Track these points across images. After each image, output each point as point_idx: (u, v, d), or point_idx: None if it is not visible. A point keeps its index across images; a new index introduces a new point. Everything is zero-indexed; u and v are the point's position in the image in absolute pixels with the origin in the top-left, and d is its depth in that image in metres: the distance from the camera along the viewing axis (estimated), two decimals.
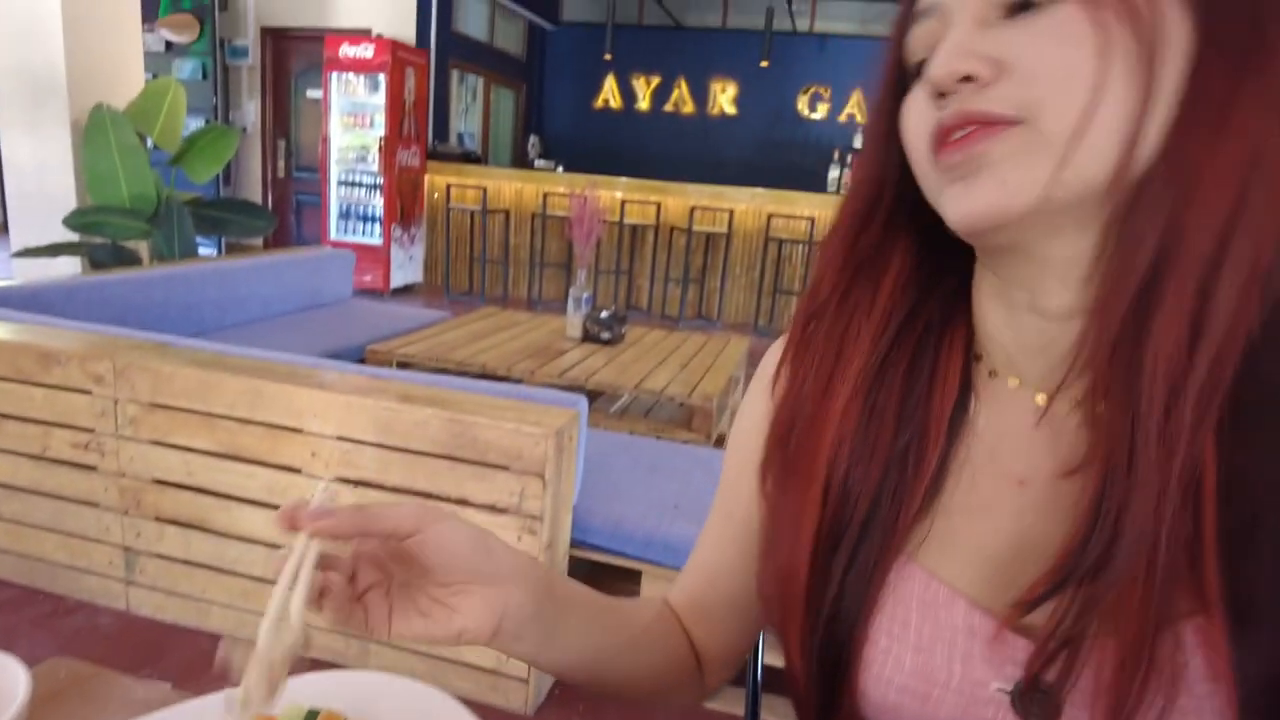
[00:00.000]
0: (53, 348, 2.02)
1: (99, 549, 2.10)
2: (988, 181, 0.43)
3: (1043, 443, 0.50)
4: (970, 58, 0.42)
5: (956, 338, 0.53)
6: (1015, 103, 0.41)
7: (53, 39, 3.68)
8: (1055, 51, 0.41)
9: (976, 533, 0.50)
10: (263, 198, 7.65)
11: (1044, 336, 0.48)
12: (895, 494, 0.50)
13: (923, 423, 0.51)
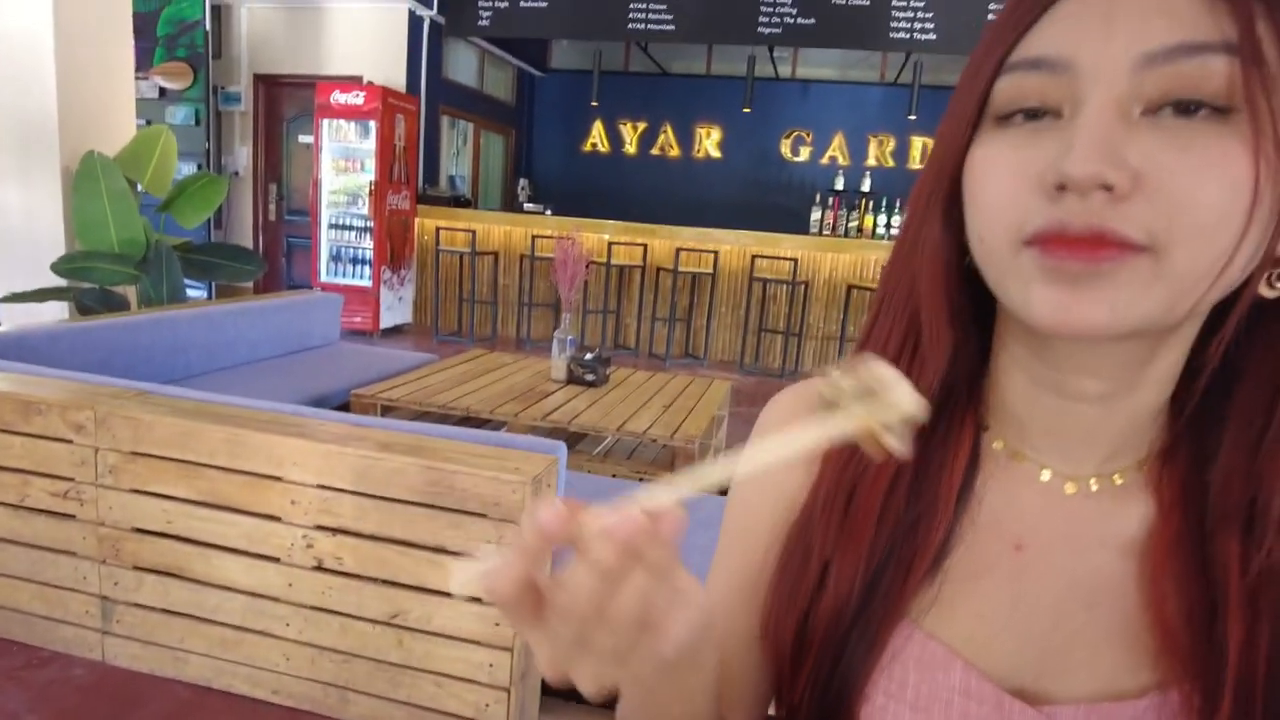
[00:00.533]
0: (33, 397, 2.03)
1: (75, 598, 2.09)
2: (1098, 300, 0.40)
3: (1044, 513, 0.51)
4: (1118, 166, 0.38)
5: (970, 406, 0.54)
6: (1149, 229, 0.39)
7: (46, 87, 3.74)
8: (1207, 189, 0.38)
9: (974, 596, 0.51)
10: (254, 241, 7.70)
11: (1064, 418, 0.49)
12: (902, 562, 0.51)
13: (934, 495, 0.52)
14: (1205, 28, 0.38)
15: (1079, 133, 0.39)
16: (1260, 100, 0.38)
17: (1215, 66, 0.38)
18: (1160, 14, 0.39)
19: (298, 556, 1.88)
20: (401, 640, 1.84)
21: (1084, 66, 0.40)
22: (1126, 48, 0.39)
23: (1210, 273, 0.39)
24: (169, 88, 6.94)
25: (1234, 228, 0.38)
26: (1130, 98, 0.39)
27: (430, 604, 1.81)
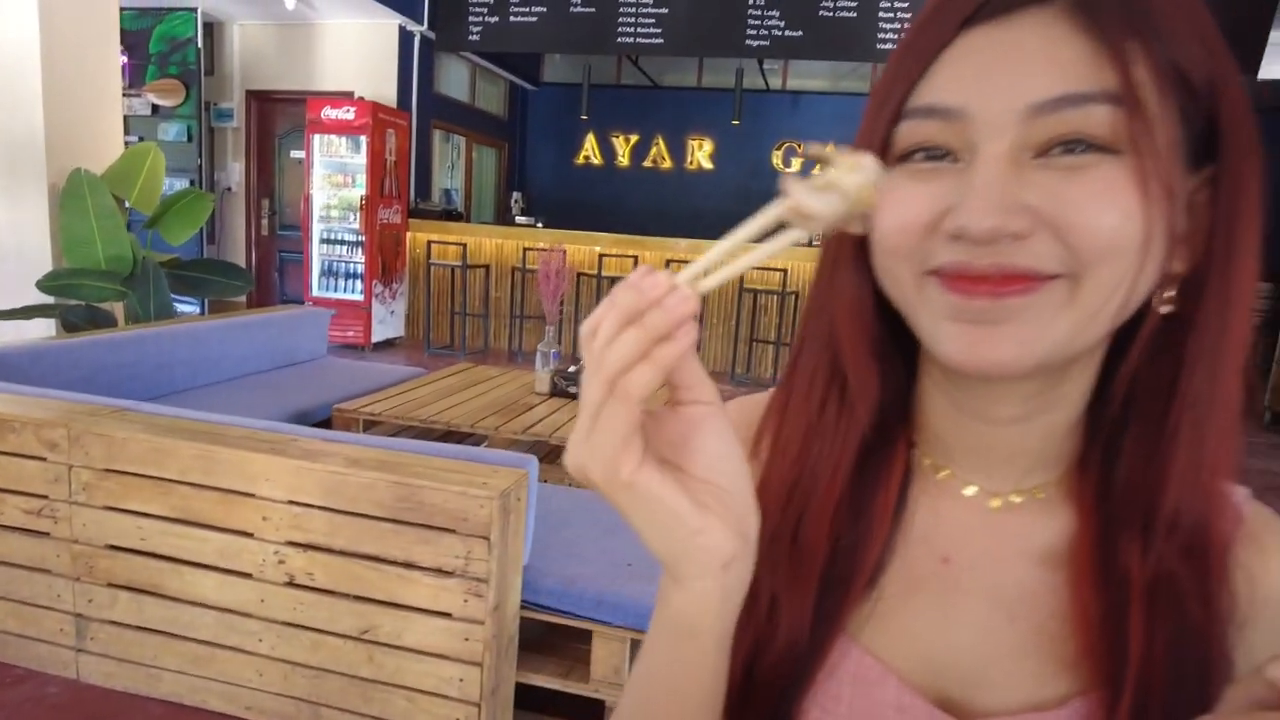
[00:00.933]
0: (6, 414, 2.04)
1: (49, 616, 2.10)
2: (1008, 336, 0.42)
3: (969, 527, 0.53)
4: (1016, 213, 0.40)
5: (902, 424, 0.55)
6: (1059, 261, 0.41)
7: (33, 105, 3.76)
8: (1104, 216, 0.40)
9: (907, 611, 0.52)
10: (247, 256, 7.72)
11: (984, 439, 0.51)
12: (842, 582, 0.52)
13: (870, 516, 0.53)
14: (1087, 78, 0.40)
15: (974, 185, 0.41)
16: (1142, 142, 0.40)
17: (1098, 115, 0.40)
18: (1044, 64, 0.40)
19: (270, 572, 1.89)
20: (372, 656, 1.84)
21: (975, 115, 0.42)
22: (1014, 98, 0.41)
23: (1116, 296, 0.41)
24: (161, 104, 6.97)
25: (1132, 252, 0.40)
26: (1021, 145, 0.41)
27: (401, 619, 1.81)
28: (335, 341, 6.72)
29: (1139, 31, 0.40)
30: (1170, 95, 0.41)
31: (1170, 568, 0.47)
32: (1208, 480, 0.47)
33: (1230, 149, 0.43)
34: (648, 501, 0.38)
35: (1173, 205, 0.41)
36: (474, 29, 7.29)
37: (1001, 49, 0.42)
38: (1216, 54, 0.43)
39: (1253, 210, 0.44)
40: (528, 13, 7.18)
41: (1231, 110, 0.43)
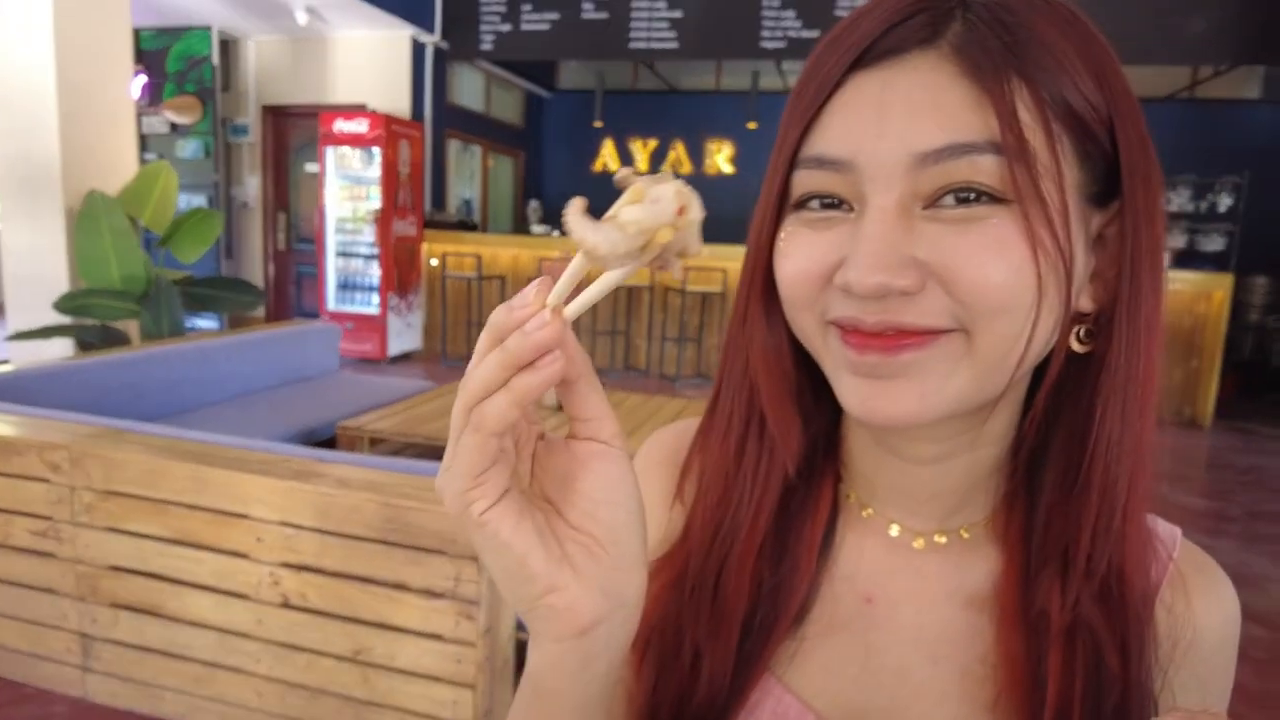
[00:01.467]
0: (11, 437, 2.07)
1: (56, 636, 2.13)
2: (906, 391, 0.41)
3: (892, 567, 0.52)
4: (903, 269, 0.39)
5: (829, 461, 0.54)
6: (950, 316, 0.40)
7: (49, 130, 3.84)
8: (995, 269, 0.39)
9: (828, 650, 0.52)
10: (264, 270, 7.82)
11: (905, 476, 0.50)
12: (766, 624, 0.51)
13: (795, 557, 0.52)
14: (972, 126, 0.39)
15: (861, 241, 0.40)
16: (1027, 191, 0.39)
17: (984, 164, 0.39)
18: (929, 112, 0.40)
19: (265, 593, 1.90)
20: (366, 677, 1.85)
21: (862, 166, 0.41)
22: (899, 147, 0.40)
23: (1016, 347, 0.40)
24: (179, 122, 7.09)
25: (1026, 305, 0.39)
26: (910, 195, 0.40)
27: (392, 641, 1.81)
28: (353, 355, 6.79)
29: (1022, 71, 0.40)
30: (1064, 135, 0.41)
31: (1087, 614, 0.46)
32: (1122, 524, 0.46)
33: (1131, 185, 0.43)
34: (497, 547, 0.34)
35: (1066, 251, 0.40)
36: (486, 37, 7.34)
37: (887, 97, 0.41)
38: (1112, 87, 0.42)
39: (1153, 246, 0.44)
40: (540, 20, 7.21)
41: (1130, 144, 0.42)
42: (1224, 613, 0.51)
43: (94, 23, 3.96)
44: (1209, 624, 0.50)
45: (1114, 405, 0.44)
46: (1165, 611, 0.49)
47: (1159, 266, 0.44)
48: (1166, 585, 0.50)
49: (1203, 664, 0.49)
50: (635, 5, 6.96)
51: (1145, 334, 0.44)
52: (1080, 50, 0.41)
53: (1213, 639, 0.50)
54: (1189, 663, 0.49)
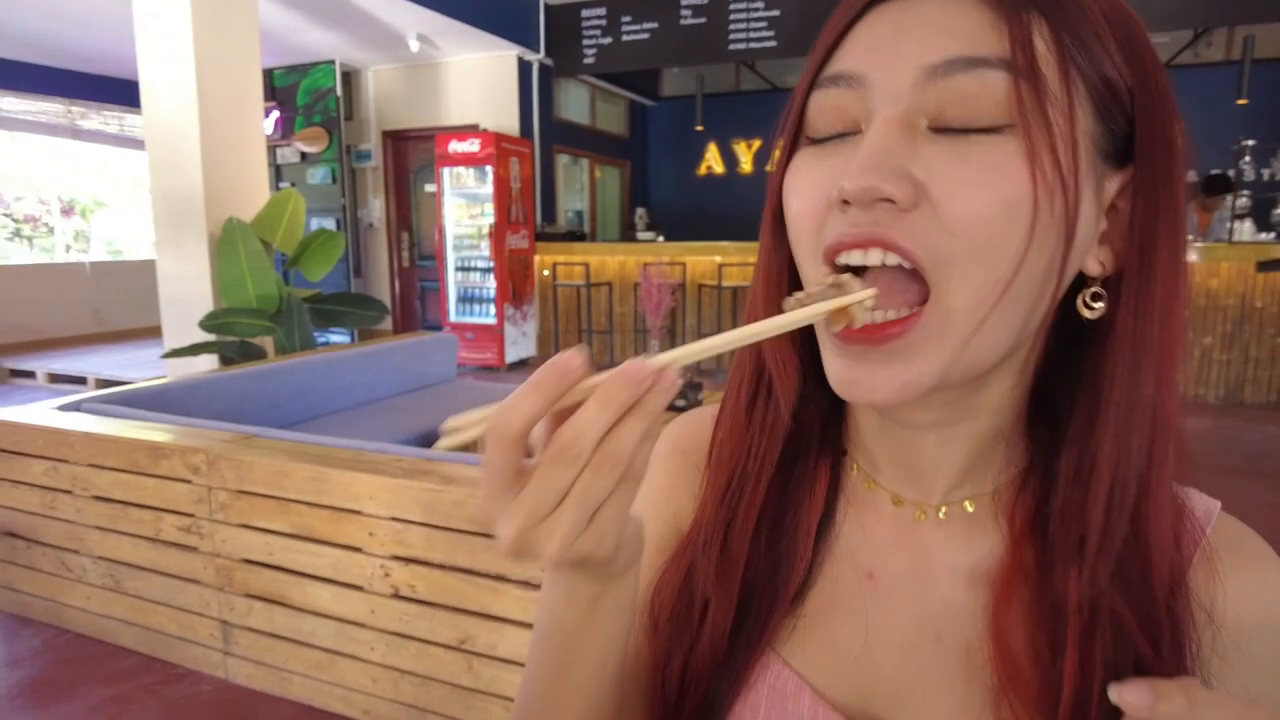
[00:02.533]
0: (160, 442, 2.29)
1: (201, 622, 2.33)
2: (888, 375, 0.42)
3: (894, 542, 0.52)
4: (895, 177, 0.39)
5: (827, 440, 0.54)
6: (930, 248, 0.39)
7: (193, 167, 4.21)
8: (983, 201, 0.38)
9: (829, 627, 0.52)
10: (390, 287, 8.26)
11: (907, 445, 0.50)
12: (766, 600, 0.52)
13: (794, 536, 0.52)
14: (984, 43, 0.39)
15: (862, 148, 0.40)
16: (1033, 115, 0.38)
17: (991, 81, 0.39)
18: (943, 30, 0.40)
19: (377, 585, 2.01)
20: (471, 665, 1.93)
21: (874, 81, 0.41)
22: (909, 62, 0.40)
23: (994, 293, 0.39)
24: (308, 151, 7.60)
25: (1013, 248, 0.39)
26: (916, 110, 0.40)
27: (494, 630, 1.89)
28: (473, 364, 7.07)
29: (1044, 10, 0.40)
30: (1080, 80, 0.40)
31: (1106, 595, 0.44)
32: (1141, 498, 0.44)
33: (1150, 148, 0.42)
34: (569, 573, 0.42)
35: (1070, 185, 0.39)
36: (588, 52, 7.50)
37: (904, 21, 0.41)
38: (1139, 55, 0.42)
39: (1170, 215, 0.42)
40: (639, 30, 7.31)
41: (1150, 109, 0.41)
42: (1262, 596, 0.47)
43: (230, 68, 4.31)
44: (1243, 604, 0.46)
45: (1123, 371, 0.43)
46: (1196, 591, 0.46)
47: (1178, 233, 0.42)
48: (1198, 563, 0.47)
49: (1239, 652, 0.46)
50: (733, 7, 6.95)
51: (1161, 300, 0.42)
52: (1109, 15, 0.41)
53: (1245, 621, 0.46)
54: (1223, 648, 0.46)
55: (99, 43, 6.94)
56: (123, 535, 2.41)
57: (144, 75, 4.25)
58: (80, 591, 2.54)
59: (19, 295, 7.82)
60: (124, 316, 8.68)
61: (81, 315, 8.39)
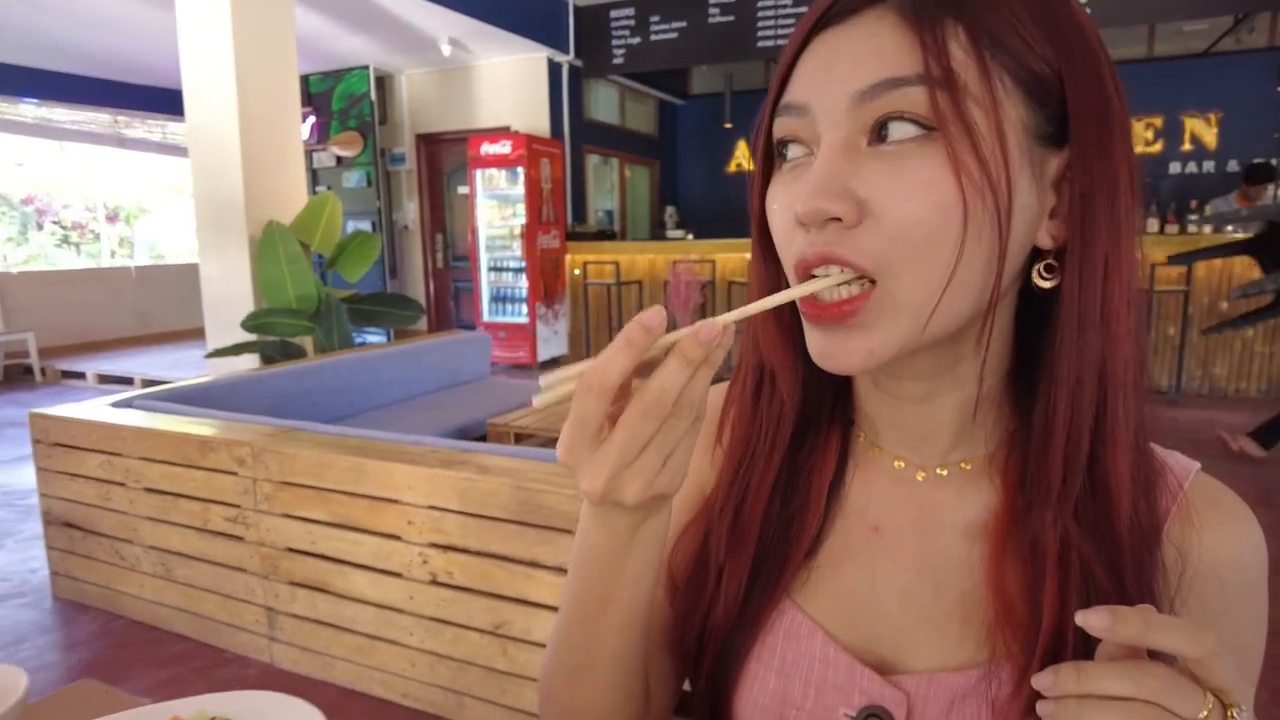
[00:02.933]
0: (208, 436, 2.38)
1: (248, 609, 2.42)
2: (856, 345, 0.46)
3: (897, 499, 0.57)
4: (837, 199, 0.43)
5: (837, 409, 0.60)
6: (874, 255, 0.44)
7: (234, 173, 4.33)
8: (922, 207, 0.43)
9: (839, 577, 0.57)
10: (425, 287, 8.39)
11: (901, 414, 0.55)
12: (780, 554, 0.57)
13: (806, 495, 0.58)
14: (905, 63, 0.43)
15: (811, 173, 0.45)
16: (953, 124, 0.42)
17: (915, 96, 0.43)
18: (868, 55, 0.44)
19: (416, 572, 2.08)
20: (506, 649, 1.99)
21: (815, 109, 0.46)
22: (841, 90, 0.45)
23: (939, 285, 0.44)
24: (344, 155, 7.75)
25: (951, 240, 0.43)
26: (855, 132, 0.45)
27: (529, 615, 1.94)
28: (506, 363, 7.17)
29: (960, 15, 0.43)
30: (1005, 75, 0.44)
31: (1073, 536, 0.48)
32: (1097, 449, 0.48)
33: (1081, 126, 0.45)
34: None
35: (998, 181, 0.43)
36: (617, 52, 7.55)
37: (837, 49, 0.46)
38: (1064, 35, 0.45)
39: (1107, 187, 0.45)
40: (668, 29, 7.35)
41: (1079, 88, 0.45)
42: (1237, 545, 0.50)
43: (268, 76, 4.43)
44: (1220, 556, 0.50)
45: (1070, 335, 0.47)
46: (1172, 542, 0.50)
47: (1118, 204, 0.46)
48: (1175, 516, 0.51)
49: (1213, 597, 0.50)
50: (761, 4, 6.96)
51: (1103, 268, 0.46)
52: (1029, 2, 0.44)
53: (1223, 571, 0.50)
54: (1197, 594, 0.49)
55: (144, 55, 7.15)
56: (173, 525, 2.51)
57: (187, 85, 4.38)
58: (134, 579, 2.65)
59: (70, 299, 8.09)
60: (167, 319, 8.93)
61: (128, 318, 8.65)
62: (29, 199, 9.06)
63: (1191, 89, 7.97)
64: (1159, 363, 5.76)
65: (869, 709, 0.52)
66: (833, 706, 0.53)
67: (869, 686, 0.52)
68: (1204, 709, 0.36)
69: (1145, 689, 0.36)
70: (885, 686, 0.52)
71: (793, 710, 0.54)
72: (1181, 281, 5.43)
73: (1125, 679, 0.37)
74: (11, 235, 9.00)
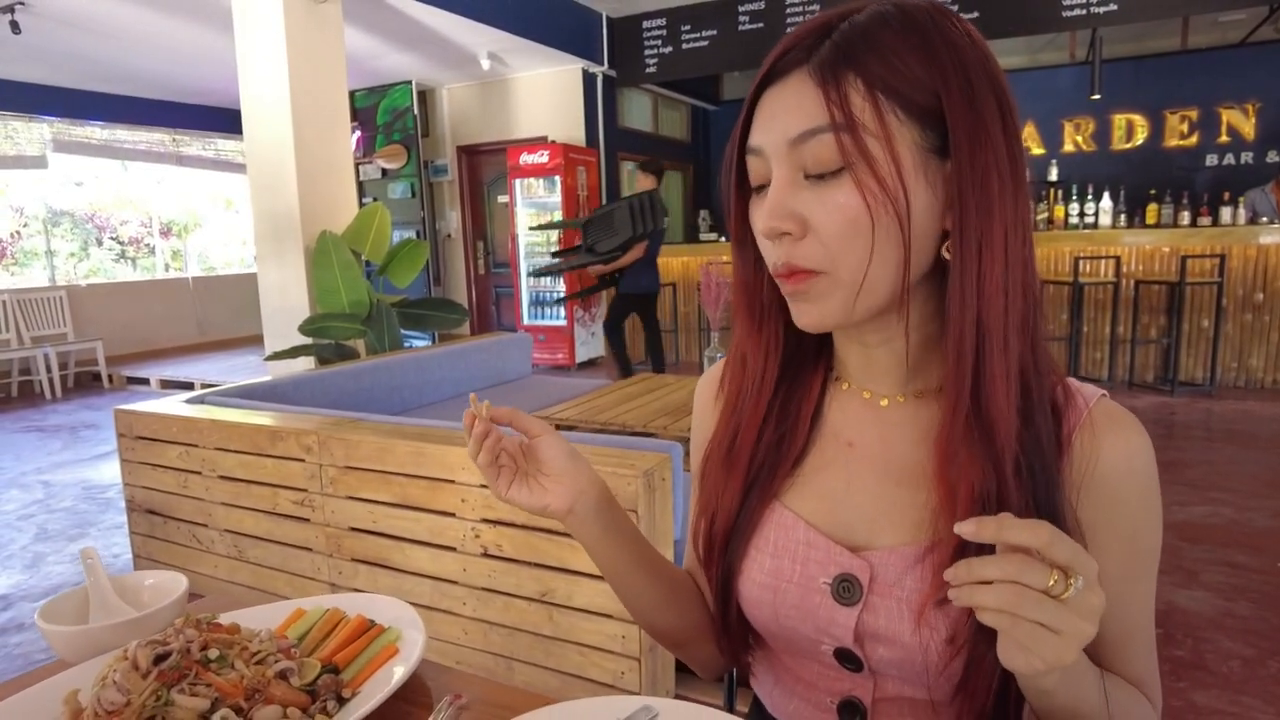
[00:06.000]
0: (277, 427, 2.60)
1: (314, 586, 2.63)
2: (810, 308, 0.64)
3: (866, 420, 0.74)
4: (785, 218, 0.61)
5: (821, 359, 0.77)
6: (818, 259, 0.61)
7: (290, 187, 4.60)
8: (841, 224, 0.60)
9: (819, 481, 0.74)
10: (467, 293, 8.66)
11: (866, 356, 0.73)
12: (773, 466, 0.75)
13: (794, 420, 0.76)
14: (817, 115, 0.60)
15: (767, 200, 0.63)
16: (855, 159, 0.59)
17: (827, 139, 0.60)
18: (794, 110, 0.62)
19: (469, 546, 2.27)
20: (551, 615, 2.17)
21: (766, 152, 0.63)
22: (780, 137, 0.63)
23: (862, 278, 0.61)
24: (389, 168, 8.06)
25: (864, 244, 0.60)
26: (794, 168, 0.61)
27: (571, 583, 2.12)
28: (546, 364, 7.39)
29: (857, 69, 0.59)
30: (897, 108, 0.60)
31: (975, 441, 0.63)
32: (979, 378, 0.62)
33: (956, 136, 0.60)
34: (520, 504, 0.74)
35: (895, 194, 0.59)
36: (650, 62, 7.75)
37: (775, 105, 0.64)
38: (943, 68, 0.60)
39: (975, 187, 0.60)
40: (699, 37, 7.52)
41: (953, 107, 0.60)
42: (1126, 450, 0.65)
43: (320, 95, 4.70)
44: (1112, 458, 0.65)
45: (954, 296, 0.62)
46: (1077, 446, 0.65)
47: (990, 194, 0.60)
48: (1080, 429, 0.66)
49: (1106, 492, 0.64)
50: (790, 11, 7.09)
51: (976, 244, 0.61)
52: (913, 43, 0.60)
53: (1115, 470, 0.64)
54: (1094, 487, 0.64)
55: (201, 77, 7.53)
56: (245, 510, 2.74)
57: (246, 106, 4.67)
58: (209, 561, 2.88)
59: (134, 310, 8.51)
60: (223, 327, 9.33)
61: (186, 326, 9.06)
62: (90, 216, 9.54)
63: (1228, 80, 7.92)
64: (1193, 355, 5.76)
65: (841, 575, 0.69)
66: (814, 576, 0.70)
67: (842, 560, 0.69)
68: (1050, 579, 0.49)
69: (1006, 571, 0.49)
70: (854, 559, 0.69)
71: (784, 582, 0.72)
72: (1215, 274, 5.44)
73: (993, 565, 0.50)
74: (74, 251, 9.48)
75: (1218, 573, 2.86)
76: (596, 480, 0.76)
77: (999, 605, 0.49)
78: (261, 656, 0.70)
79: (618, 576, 0.79)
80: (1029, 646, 0.50)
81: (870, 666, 0.69)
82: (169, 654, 0.63)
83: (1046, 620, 0.49)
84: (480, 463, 0.72)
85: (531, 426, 0.74)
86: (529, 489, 0.74)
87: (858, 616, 0.68)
